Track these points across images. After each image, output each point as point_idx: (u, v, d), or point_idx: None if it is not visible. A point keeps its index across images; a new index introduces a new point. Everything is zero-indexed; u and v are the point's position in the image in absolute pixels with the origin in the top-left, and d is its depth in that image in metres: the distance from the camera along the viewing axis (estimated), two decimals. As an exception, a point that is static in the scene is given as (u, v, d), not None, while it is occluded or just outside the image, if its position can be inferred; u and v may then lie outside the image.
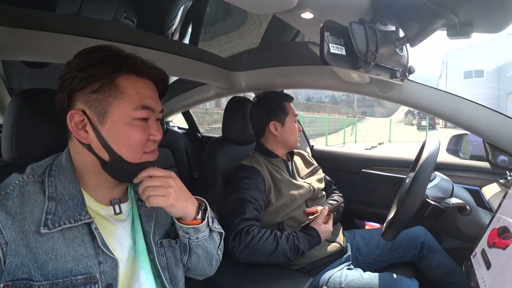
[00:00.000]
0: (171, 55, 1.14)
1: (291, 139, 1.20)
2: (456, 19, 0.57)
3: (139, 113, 0.57)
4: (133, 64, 0.58)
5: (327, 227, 1.06)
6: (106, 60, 0.56)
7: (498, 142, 1.01)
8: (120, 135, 0.56)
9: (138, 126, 0.58)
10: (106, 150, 0.57)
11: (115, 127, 0.56)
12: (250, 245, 0.92)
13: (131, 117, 0.57)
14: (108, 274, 0.55)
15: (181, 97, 1.86)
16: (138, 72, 0.59)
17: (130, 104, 0.57)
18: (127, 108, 0.56)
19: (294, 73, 1.28)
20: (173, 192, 0.60)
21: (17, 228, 0.48)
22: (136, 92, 0.58)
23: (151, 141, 0.61)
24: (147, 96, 0.59)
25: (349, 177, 1.56)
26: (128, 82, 0.57)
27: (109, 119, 0.56)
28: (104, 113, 0.56)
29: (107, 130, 0.56)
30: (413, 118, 23.22)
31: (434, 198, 0.84)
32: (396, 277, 0.94)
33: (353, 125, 17.56)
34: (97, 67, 0.55)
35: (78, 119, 0.56)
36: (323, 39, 0.56)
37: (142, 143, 0.59)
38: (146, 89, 0.60)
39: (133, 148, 0.58)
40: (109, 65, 0.55)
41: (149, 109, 0.59)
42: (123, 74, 0.57)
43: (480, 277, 0.61)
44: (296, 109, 1.24)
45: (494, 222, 0.66)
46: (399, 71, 0.77)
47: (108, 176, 0.59)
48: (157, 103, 0.61)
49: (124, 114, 0.56)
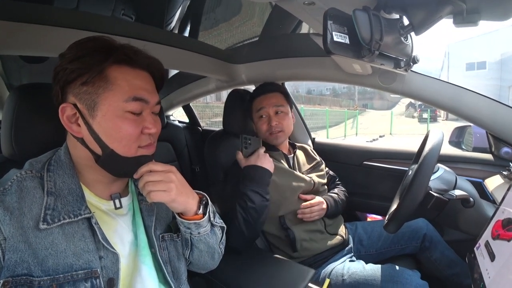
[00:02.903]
0: (170, 48, 1.12)
1: (260, 135, 1.18)
2: (463, 6, 0.55)
3: (130, 106, 0.55)
4: (123, 53, 0.55)
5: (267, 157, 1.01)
6: (95, 51, 0.54)
7: (501, 134, 1.00)
8: (110, 129, 0.54)
9: (130, 119, 0.55)
10: (98, 144, 0.55)
11: (105, 120, 0.54)
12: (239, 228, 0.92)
13: (122, 110, 0.55)
14: (109, 269, 0.55)
15: (181, 90, 1.84)
16: (129, 62, 0.56)
17: (121, 95, 0.54)
18: (118, 100, 0.54)
19: (295, 65, 1.26)
20: (174, 187, 0.59)
21: (16, 224, 0.48)
22: (128, 83, 0.55)
23: (146, 134, 0.58)
24: (139, 87, 0.57)
25: (351, 170, 1.55)
26: (119, 73, 0.55)
27: (99, 112, 0.54)
28: (94, 106, 0.54)
29: (98, 123, 0.54)
30: (414, 110, 23.13)
31: (437, 190, 0.84)
32: (398, 269, 0.95)
33: (354, 118, 17.50)
34: (86, 58, 0.53)
35: (70, 113, 0.55)
36: (326, 28, 0.54)
37: (134, 136, 0.56)
38: (139, 80, 0.57)
39: (125, 142, 0.56)
40: (98, 56, 0.53)
41: (142, 100, 0.56)
42: (114, 64, 0.55)
43: (484, 268, 0.61)
44: (297, 102, 1.23)
45: (498, 214, 0.66)
46: (403, 61, 0.76)
47: (104, 171, 0.58)
48: (151, 95, 0.58)
49: (115, 106, 0.54)
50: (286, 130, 1.17)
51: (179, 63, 1.24)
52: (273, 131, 1.13)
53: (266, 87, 1.19)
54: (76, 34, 0.84)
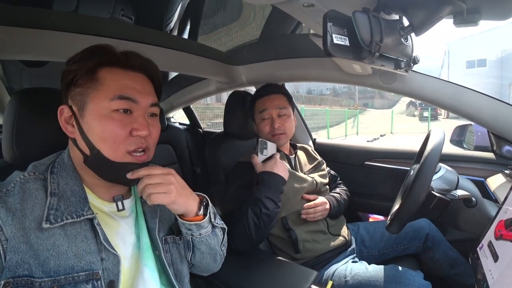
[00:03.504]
0: (170, 50, 1.12)
1: (262, 137, 1.17)
2: (463, 6, 0.55)
3: (116, 104, 0.55)
4: (113, 55, 0.57)
5: (283, 165, 1.02)
6: (91, 53, 0.56)
7: (502, 132, 1.00)
8: (95, 128, 0.54)
9: (116, 119, 0.55)
10: (86, 144, 0.55)
11: (92, 120, 0.54)
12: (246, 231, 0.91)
13: (108, 109, 0.55)
14: (110, 271, 0.55)
15: (182, 92, 1.85)
16: (120, 64, 0.57)
17: (107, 94, 0.55)
18: (104, 99, 0.54)
19: (295, 66, 1.26)
20: (174, 188, 0.59)
21: (18, 225, 0.48)
22: (116, 83, 0.56)
23: (136, 137, 0.57)
24: (127, 86, 0.57)
25: (352, 170, 1.55)
26: (109, 74, 0.56)
27: (87, 111, 0.55)
28: (83, 106, 0.55)
29: (86, 123, 0.55)
30: (415, 109, 23.09)
31: (439, 190, 0.83)
32: (401, 269, 0.94)
33: (355, 117, 17.49)
34: (82, 61, 0.55)
35: (67, 115, 0.57)
36: (326, 30, 0.54)
37: (121, 138, 0.55)
38: (129, 80, 0.58)
39: (110, 143, 0.55)
40: (92, 58, 0.56)
41: (128, 99, 0.56)
42: (106, 66, 0.56)
43: (487, 269, 0.60)
44: (297, 102, 1.23)
45: (501, 214, 0.65)
46: (403, 62, 0.76)
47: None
48: (142, 95, 0.58)
49: (101, 105, 0.54)
50: (289, 132, 1.17)
51: (180, 65, 1.24)
52: (275, 133, 1.13)
53: (269, 88, 1.19)
54: (75, 38, 0.85)
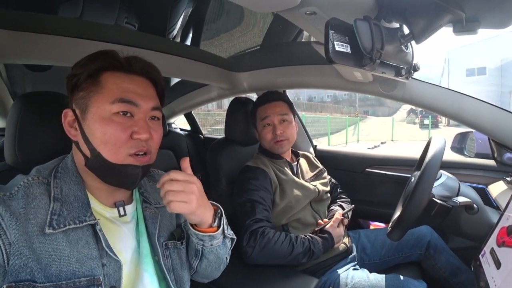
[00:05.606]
0: (173, 57, 1.13)
1: (264, 144, 1.19)
2: (462, 15, 0.56)
3: (116, 107, 0.55)
4: (115, 59, 0.58)
5: (340, 230, 1.06)
6: (95, 58, 0.57)
7: (503, 140, 1.00)
8: (96, 131, 0.55)
9: (117, 122, 0.55)
10: (87, 146, 0.56)
11: (93, 122, 0.55)
12: (266, 248, 0.92)
13: (109, 112, 0.55)
14: (112, 277, 0.54)
15: (183, 98, 1.86)
16: (123, 68, 0.58)
17: (108, 98, 0.55)
18: (105, 102, 0.55)
19: (296, 73, 1.27)
20: (195, 198, 0.56)
21: (21, 229, 0.48)
22: (117, 86, 0.56)
23: (136, 140, 0.56)
24: (129, 90, 0.57)
25: (353, 177, 1.55)
26: (111, 78, 0.57)
27: (88, 114, 0.55)
28: (85, 109, 0.56)
29: (87, 125, 0.55)
30: (416, 116, 23.13)
31: (440, 197, 0.83)
32: (403, 279, 0.93)
33: (356, 125, 17.50)
34: (86, 65, 0.56)
35: (70, 118, 0.57)
36: (327, 37, 0.55)
37: (121, 141, 0.55)
38: (130, 84, 0.58)
39: (110, 146, 0.55)
40: (95, 62, 0.56)
41: (129, 103, 0.56)
42: (108, 70, 0.57)
43: (490, 276, 0.60)
44: (298, 109, 1.23)
45: (503, 221, 0.65)
46: (404, 69, 0.76)
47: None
48: (143, 98, 0.58)
49: (102, 109, 0.55)
50: (291, 138, 1.17)
51: (182, 71, 1.25)
52: (277, 139, 1.14)
53: (271, 95, 1.20)
54: (79, 43, 0.86)
